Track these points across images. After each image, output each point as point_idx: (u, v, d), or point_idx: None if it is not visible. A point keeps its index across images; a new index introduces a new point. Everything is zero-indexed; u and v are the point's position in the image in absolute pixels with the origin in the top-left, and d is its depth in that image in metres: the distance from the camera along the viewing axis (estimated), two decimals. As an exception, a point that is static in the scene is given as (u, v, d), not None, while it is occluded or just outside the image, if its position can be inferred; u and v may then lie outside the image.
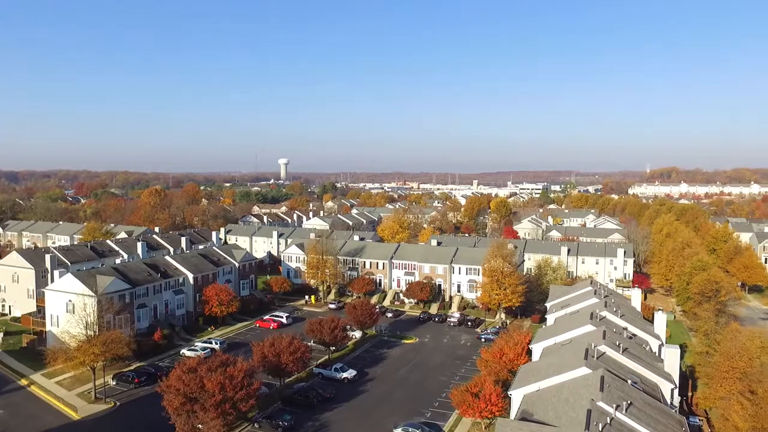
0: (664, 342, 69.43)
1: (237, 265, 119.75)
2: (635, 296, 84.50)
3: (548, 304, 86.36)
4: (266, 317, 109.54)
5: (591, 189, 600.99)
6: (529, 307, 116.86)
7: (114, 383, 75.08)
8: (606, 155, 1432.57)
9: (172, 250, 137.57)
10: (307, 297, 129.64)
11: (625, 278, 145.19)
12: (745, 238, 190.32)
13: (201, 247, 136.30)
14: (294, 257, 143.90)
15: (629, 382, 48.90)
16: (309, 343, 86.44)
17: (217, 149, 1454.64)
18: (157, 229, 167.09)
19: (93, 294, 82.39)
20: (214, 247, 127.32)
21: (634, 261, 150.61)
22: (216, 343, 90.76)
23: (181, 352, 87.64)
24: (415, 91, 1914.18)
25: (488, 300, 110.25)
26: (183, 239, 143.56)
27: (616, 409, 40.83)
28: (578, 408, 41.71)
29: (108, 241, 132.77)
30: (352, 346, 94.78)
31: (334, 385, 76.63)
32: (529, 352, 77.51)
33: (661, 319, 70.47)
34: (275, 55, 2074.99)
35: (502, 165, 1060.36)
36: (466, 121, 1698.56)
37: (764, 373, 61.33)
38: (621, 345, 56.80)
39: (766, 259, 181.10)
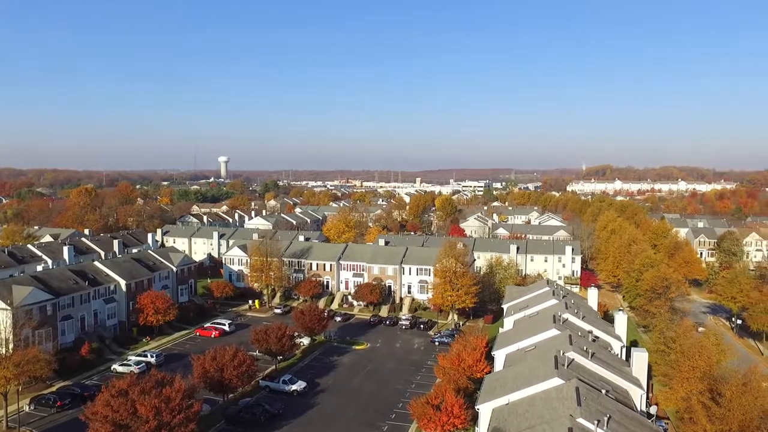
0: (625, 343, 67.87)
1: (174, 269, 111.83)
2: (592, 295, 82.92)
3: (505, 306, 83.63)
4: (207, 325, 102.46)
5: (531, 186, 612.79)
6: (481, 308, 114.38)
7: (31, 408, 66.11)
8: (543, 153, 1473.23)
9: (103, 254, 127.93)
10: (250, 301, 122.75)
11: (573, 275, 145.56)
12: (681, 233, 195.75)
13: (135, 250, 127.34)
14: (236, 259, 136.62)
15: (603, 392, 46.05)
16: (254, 353, 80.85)
17: (155, 146, 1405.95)
18: (86, 232, 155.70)
19: (7, 307, 73.23)
20: (149, 251, 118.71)
21: (581, 258, 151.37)
22: (152, 356, 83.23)
23: (112, 368, 79.82)
24: (355, 88, 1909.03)
25: (441, 301, 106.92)
26: (115, 242, 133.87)
27: (597, 425, 37.63)
28: (558, 426, 38.24)
29: (29, 246, 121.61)
30: (300, 355, 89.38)
31: (282, 399, 71.11)
32: (488, 356, 74.79)
33: (621, 320, 68.84)
34: (211, 53, 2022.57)
35: (444, 162, 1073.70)
36: (408, 120, 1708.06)
37: (729, 373, 60.11)
38: (588, 350, 54.17)
39: (701, 253, 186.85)
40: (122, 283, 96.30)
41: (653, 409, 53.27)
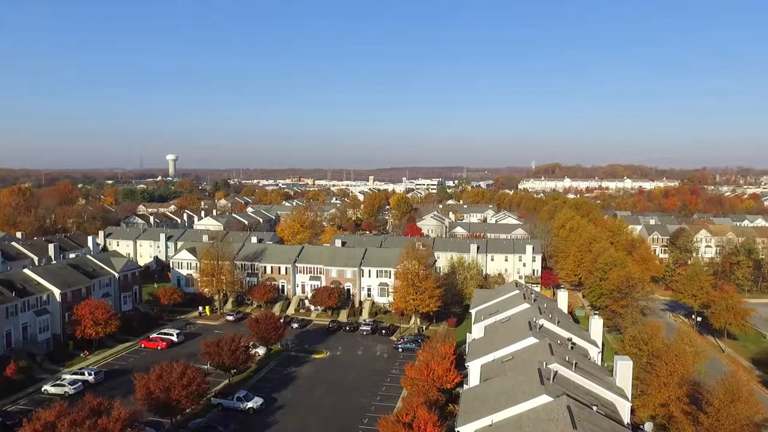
0: (601, 348, 64.91)
1: (117, 275, 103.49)
2: (561, 298, 79.85)
3: (473, 311, 79.62)
4: (153, 335, 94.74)
5: (483, 184, 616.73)
6: (444, 310, 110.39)
7: (-57, 442, 58.51)
8: (494, 151, 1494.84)
9: (36, 259, 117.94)
10: (201, 308, 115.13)
11: (534, 274, 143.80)
12: (635, 230, 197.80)
13: (73, 255, 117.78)
14: (185, 263, 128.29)
15: (594, 408, 42.32)
16: (205, 366, 74.50)
17: (99, 144, 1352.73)
18: (19, 235, 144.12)
19: None
20: (88, 255, 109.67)
21: (542, 257, 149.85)
22: (90, 374, 75.14)
23: (42, 389, 71.43)
24: (303, 87, 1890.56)
25: (404, 306, 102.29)
26: (51, 246, 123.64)
27: (597, 453, 33.68)
28: (555, 455, 34.09)
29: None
30: (255, 366, 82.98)
31: (237, 418, 65.12)
32: (458, 364, 70.85)
33: (597, 325, 65.77)
34: (156, 48, 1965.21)
35: (395, 161, 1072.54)
36: (359, 119, 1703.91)
37: (711, 379, 57.71)
38: (571, 360, 50.47)
39: (655, 250, 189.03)
40: (56, 292, 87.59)
41: (648, 426, 49.95)
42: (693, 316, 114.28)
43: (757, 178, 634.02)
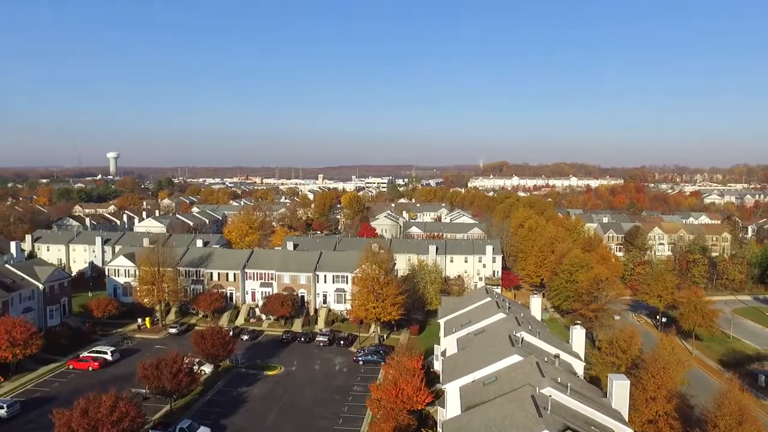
0: (584, 361, 59.81)
1: (41, 286, 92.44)
2: (535, 304, 74.50)
3: (441, 321, 73.36)
4: (84, 354, 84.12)
5: (432, 182, 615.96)
6: (405, 316, 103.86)
7: None
8: (442, 150, 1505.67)
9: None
10: (140, 320, 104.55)
11: (494, 276, 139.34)
12: (591, 228, 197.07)
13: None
14: (122, 270, 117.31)
15: (601, 444, 36.60)
16: (143, 391, 65.81)
17: (35, 141, 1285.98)
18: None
19: None
20: (7, 265, 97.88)
21: (502, 257, 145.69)
22: (2, 406, 64.25)
23: (-56, 427, 61.32)
24: (247, 85, 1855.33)
25: (364, 314, 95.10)
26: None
27: None
28: None
29: None
30: (201, 388, 74.13)
31: (179, 453, 56.75)
32: (427, 382, 64.65)
33: (579, 335, 60.51)
34: (102, 46, 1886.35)
35: (345, 159, 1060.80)
36: (308, 117, 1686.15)
37: (716, 401, 53.24)
38: (564, 382, 44.74)
39: (611, 248, 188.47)
40: (-34, 309, 76.44)
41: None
42: (658, 317, 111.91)
43: (692, 176, 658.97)
